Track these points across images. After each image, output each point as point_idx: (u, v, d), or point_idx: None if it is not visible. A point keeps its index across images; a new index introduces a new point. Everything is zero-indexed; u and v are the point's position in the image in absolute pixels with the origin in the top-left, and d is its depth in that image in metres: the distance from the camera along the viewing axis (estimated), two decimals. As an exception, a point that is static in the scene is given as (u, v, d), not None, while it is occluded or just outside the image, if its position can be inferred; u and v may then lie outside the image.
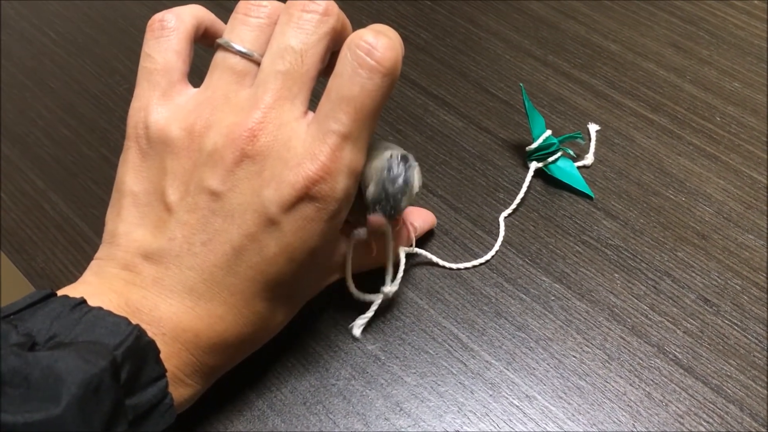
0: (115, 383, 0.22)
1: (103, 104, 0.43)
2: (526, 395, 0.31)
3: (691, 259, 0.35)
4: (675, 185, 0.38)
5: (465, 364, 0.32)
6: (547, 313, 0.33)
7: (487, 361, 0.32)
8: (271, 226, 0.26)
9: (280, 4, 0.29)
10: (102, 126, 0.42)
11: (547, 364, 0.32)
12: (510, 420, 0.30)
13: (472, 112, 0.42)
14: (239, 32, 0.29)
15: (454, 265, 0.35)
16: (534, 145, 0.38)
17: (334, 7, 0.28)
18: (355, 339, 0.32)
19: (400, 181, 0.28)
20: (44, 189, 0.39)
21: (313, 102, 0.28)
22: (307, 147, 0.26)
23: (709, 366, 0.31)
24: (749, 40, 0.46)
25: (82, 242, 0.37)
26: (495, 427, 0.30)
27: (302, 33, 0.27)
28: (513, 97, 0.43)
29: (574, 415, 0.30)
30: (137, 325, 0.24)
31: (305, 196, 0.26)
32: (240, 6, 0.29)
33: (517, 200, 0.37)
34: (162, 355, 0.25)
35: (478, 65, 0.45)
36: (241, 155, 0.26)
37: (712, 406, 0.30)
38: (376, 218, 0.28)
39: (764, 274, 0.34)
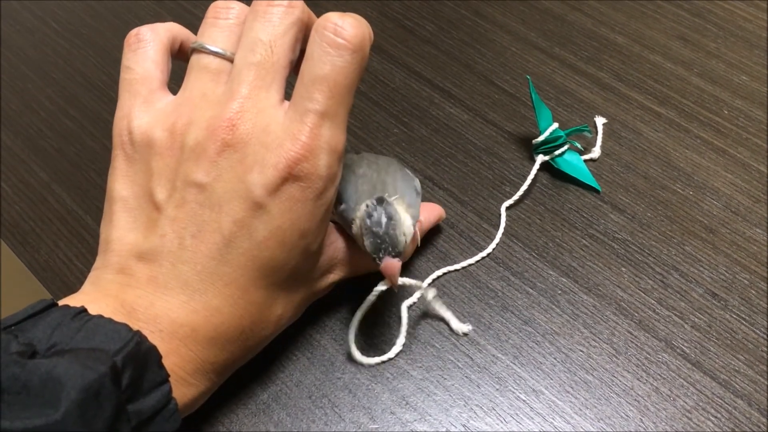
0: (116, 388, 0.22)
1: (107, 95, 0.43)
2: (533, 389, 0.31)
3: (699, 253, 0.35)
4: (682, 179, 0.38)
5: (471, 358, 0.31)
6: (554, 307, 0.33)
7: (493, 355, 0.32)
8: (258, 210, 0.27)
9: (247, 6, 0.30)
10: (105, 117, 0.42)
11: (554, 359, 0.32)
12: (517, 414, 0.30)
13: (478, 105, 0.42)
14: (210, 34, 0.29)
15: (458, 265, 0.34)
16: (541, 138, 0.38)
17: (298, 0, 0.29)
18: (361, 332, 0.32)
19: (384, 219, 0.29)
20: (48, 181, 0.39)
21: (288, 95, 0.28)
22: (286, 129, 0.27)
23: (717, 361, 0.31)
24: (757, 33, 0.45)
25: (86, 234, 0.36)
26: (502, 422, 0.30)
27: (270, 25, 0.28)
28: (519, 90, 0.42)
29: (581, 410, 0.30)
30: (138, 332, 0.24)
31: (289, 176, 0.27)
32: (209, 11, 0.30)
33: (521, 191, 0.37)
34: (161, 353, 0.25)
35: (484, 57, 0.44)
36: (223, 145, 0.27)
37: (720, 401, 0.30)
38: (387, 265, 0.29)
39: (772, 269, 0.34)
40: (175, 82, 0.29)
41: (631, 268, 0.34)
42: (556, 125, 0.38)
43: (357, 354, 0.31)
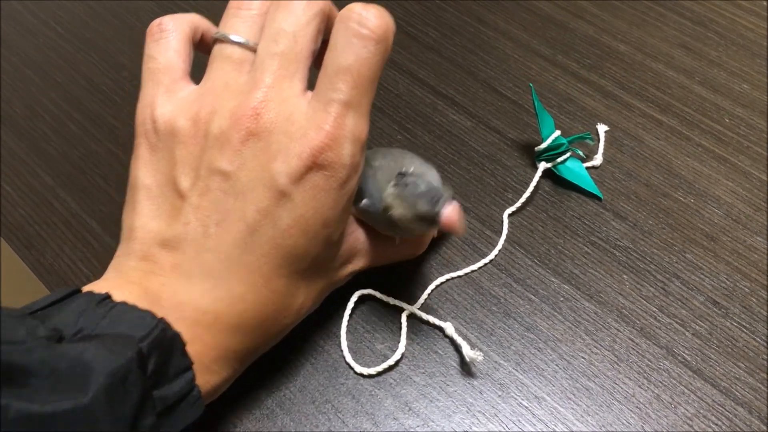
0: (142, 374, 0.22)
1: (111, 99, 0.43)
2: (535, 396, 0.31)
3: (700, 261, 0.35)
4: (684, 187, 0.38)
5: (474, 364, 0.32)
6: (556, 314, 0.33)
7: (496, 362, 0.32)
8: (282, 198, 0.27)
9: None
10: (109, 122, 0.42)
11: (556, 365, 0.32)
12: (519, 421, 0.30)
13: (480, 112, 0.42)
14: (233, 24, 0.30)
15: (461, 272, 0.35)
16: (543, 146, 0.38)
17: None
18: (363, 338, 0.32)
19: (418, 180, 0.29)
20: (52, 185, 0.39)
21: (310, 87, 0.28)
22: (310, 118, 0.27)
23: (718, 368, 0.32)
24: (758, 41, 0.46)
25: (91, 238, 0.37)
26: (504, 428, 0.30)
27: (293, 16, 0.28)
28: (522, 97, 0.43)
29: (582, 417, 0.30)
30: (162, 319, 0.24)
31: (313, 165, 0.27)
32: (231, 2, 0.30)
33: (523, 198, 0.37)
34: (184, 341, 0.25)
35: (487, 65, 0.45)
36: (247, 134, 0.27)
37: (721, 408, 0.30)
38: (448, 214, 0.28)
39: (773, 277, 0.34)
40: (196, 73, 0.30)
41: (632, 276, 0.35)
42: (558, 133, 0.38)
43: (354, 365, 0.32)
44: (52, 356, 0.21)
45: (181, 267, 0.27)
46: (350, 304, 0.33)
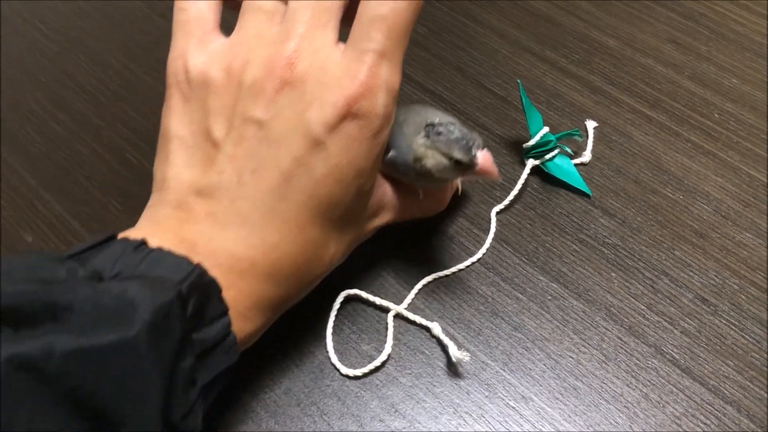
0: (183, 314, 0.23)
1: (96, 99, 0.43)
2: (523, 396, 0.31)
3: (689, 258, 0.35)
4: (673, 183, 0.38)
5: (461, 364, 0.31)
6: (543, 312, 0.33)
7: (483, 362, 0.32)
8: (317, 147, 0.27)
9: None
10: (95, 122, 0.42)
11: (544, 365, 0.31)
12: (506, 421, 0.30)
13: (468, 109, 0.42)
14: None
15: (448, 271, 0.34)
16: (531, 142, 0.37)
17: None
18: (350, 339, 0.32)
19: (450, 128, 0.30)
20: (36, 187, 0.39)
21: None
22: (345, 68, 0.27)
23: (707, 367, 0.31)
24: (749, 36, 0.45)
25: (74, 240, 0.36)
26: (491, 429, 0.30)
27: None
28: (510, 94, 0.42)
29: (570, 417, 0.30)
30: (199, 264, 0.24)
31: (347, 114, 0.27)
32: None
33: (511, 196, 0.37)
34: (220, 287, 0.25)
35: (476, 61, 0.44)
36: (281, 83, 0.27)
37: (710, 407, 0.30)
38: (483, 161, 0.29)
39: (762, 273, 0.34)
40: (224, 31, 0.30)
41: (621, 273, 0.34)
42: (546, 129, 0.38)
43: (340, 366, 0.31)
44: (95, 294, 0.21)
45: (216, 215, 0.27)
46: (336, 305, 0.33)
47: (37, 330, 0.20)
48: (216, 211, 0.27)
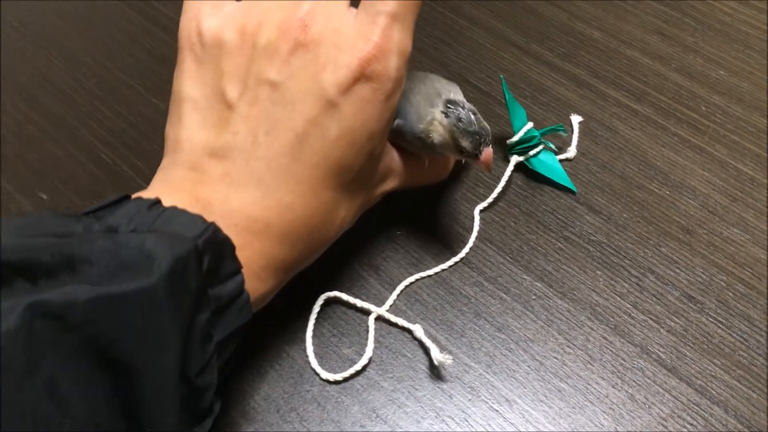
0: (199, 269, 0.23)
1: (71, 99, 0.42)
2: (506, 399, 0.30)
3: (675, 254, 0.34)
4: (659, 178, 0.37)
5: (443, 367, 0.31)
6: (528, 312, 0.32)
7: (466, 364, 0.31)
8: (331, 109, 0.27)
9: None
10: (69, 122, 0.41)
11: (528, 366, 0.31)
12: (489, 425, 0.29)
13: (451, 104, 0.41)
14: None
15: (431, 271, 0.34)
16: (515, 139, 0.37)
17: None
18: (330, 342, 0.32)
19: (471, 116, 0.30)
20: (9, 190, 0.38)
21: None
22: (358, 30, 0.27)
23: (693, 366, 0.31)
24: (736, 26, 0.44)
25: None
26: (474, 433, 0.29)
27: None
28: (494, 88, 0.42)
29: (555, 419, 0.29)
30: (213, 222, 0.24)
31: (361, 76, 0.27)
32: None
33: (495, 194, 0.36)
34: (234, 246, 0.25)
35: (459, 55, 0.43)
36: (295, 45, 0.27)
37: (696, 408, 0.30)
38: (486, 156, 0.30)
39: (749, 270, 0.34)
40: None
41: (606, 272, 0.34)
42: (530, 125, 0.37)
43: (320, 371, 0.31)
44: (114, 245, 0.21)
45: (230, 176, 0.27)
46: (316, 308, 0.32)
47: (55, 281, 0.21)
48: (230, 172, 0.27)
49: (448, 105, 0.31)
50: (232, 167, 0.27)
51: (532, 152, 0.37)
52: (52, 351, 0.19)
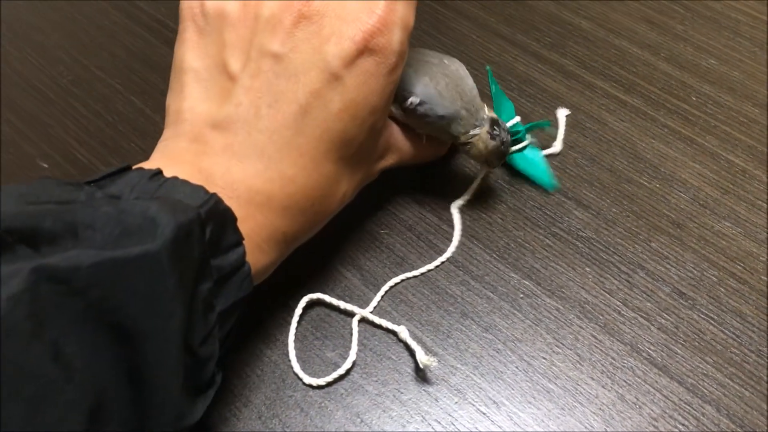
0: (202, 237, 0.23)
1: (46, 97, 0.41)
2: (494, 401, 0.29)
3: (666, 249, 0.33)
4: (649, 171, 0.36)
5: (429, 369, 0.30)
6: (515, 312, 0.32)
7: (452, 366, 0.30)
8: (334, 81, 0.27)
9: None
10: (44, 120, 0.40)
11: (516, 367, 0.30)
12: (476, 428, 0.29)
13: (436, 98, 0.40)
14: None
15: (416, 272, 0.33)
16: (501, 133, 0.36)
17: None
18: (313, 346, 0.31)
19: (508, 138, 0.32)
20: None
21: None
22: (362, 3, 0.27)
23: (685, 364, 0.30)
24: (725, 13, 0.44)
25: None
26: (461, 437, 0.28)
27: None
28: (480, 81, 0.40)
29: (543, 421, 0.29)
30: (215, 193, 0.24)
31: (365, 49, 0.27)
32: None
33: (471, 191, 0.35)
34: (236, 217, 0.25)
35: (444, 46, 0.42)
36: (299, 16, 0.27)
37: (688, 407, 0.29)
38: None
39: (741, 264, 0.33)
40: None
41: (595, 268, 0.33)
42: (517, 119, 0.36)
43: (303, 375, 0.30)
44: (117, 211, 0.21)
45: (233, 147, 0.27)
46: (298, 310, 0.31)
47: (58, 247, 0.20)
48: (233, 144, 0.27)
49: (494, 127, 0.32)
50: (234, 139, 0.27)
51: (515, 147, 0.36)
52: (57, 315, 0.19)
